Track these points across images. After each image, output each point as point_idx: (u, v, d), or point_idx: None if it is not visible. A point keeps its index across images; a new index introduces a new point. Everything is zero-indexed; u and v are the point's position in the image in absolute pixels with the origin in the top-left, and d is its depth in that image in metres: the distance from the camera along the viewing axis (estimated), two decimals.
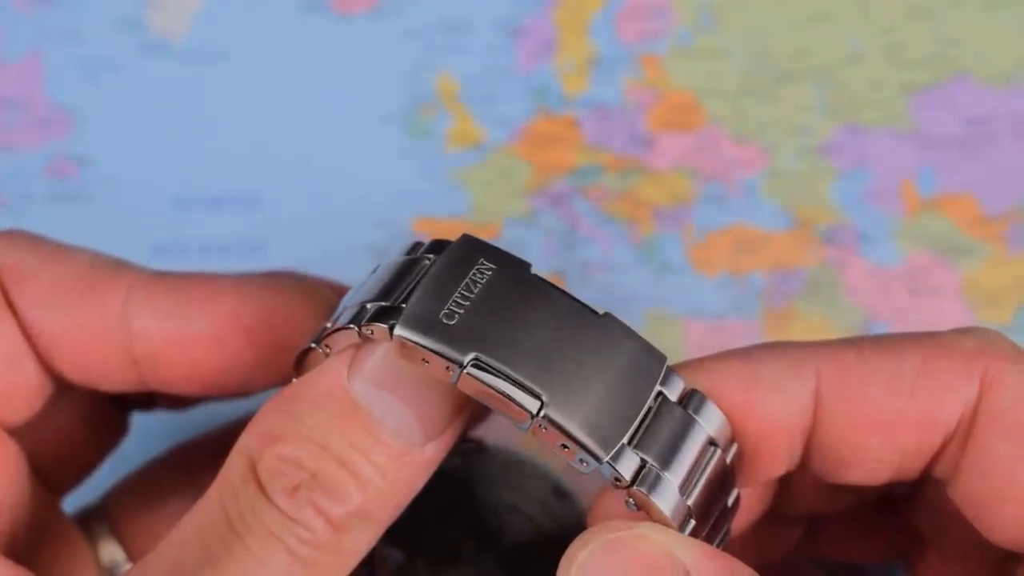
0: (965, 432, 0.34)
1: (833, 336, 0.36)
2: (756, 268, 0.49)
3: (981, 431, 0.34)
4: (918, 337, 0.35)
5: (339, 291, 0.37)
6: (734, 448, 0.34)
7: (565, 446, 0.32)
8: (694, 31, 0.51)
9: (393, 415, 0.33)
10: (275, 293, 0.37)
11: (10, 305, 0.37)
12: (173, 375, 0.37)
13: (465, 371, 0.31)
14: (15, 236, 0.38)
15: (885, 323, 0.48)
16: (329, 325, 0.34)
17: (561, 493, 0.40)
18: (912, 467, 0.35)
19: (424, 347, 0.32)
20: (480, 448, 0.40)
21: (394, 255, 0.35)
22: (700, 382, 0.34)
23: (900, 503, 0.40)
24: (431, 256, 0.34)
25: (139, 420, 0.43)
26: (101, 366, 0.37)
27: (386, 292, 0.33)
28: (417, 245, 0.35)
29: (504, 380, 0.31)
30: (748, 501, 0.37)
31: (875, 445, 0.34)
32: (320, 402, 0.33)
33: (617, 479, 0.32)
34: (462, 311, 0.32)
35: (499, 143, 0.50)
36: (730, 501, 0.34)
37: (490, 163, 0.50)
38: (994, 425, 0.34)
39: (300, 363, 0.35)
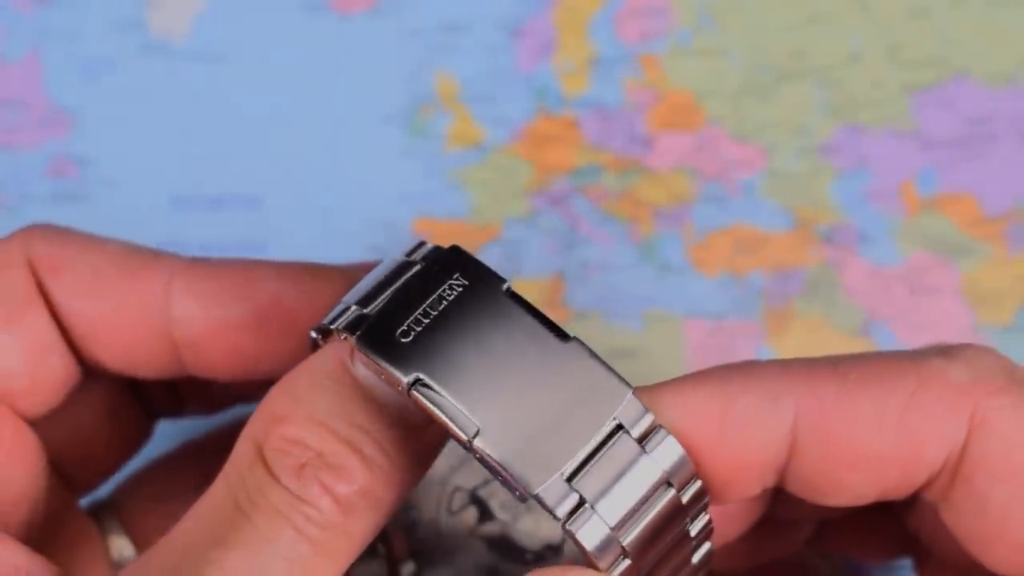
0: (952, 471, 0.33)
1: (832, 337, 0.36)
2: (756, 268, 0.49)
3: (971, 473, 0.33)
4: (904, 365, 0.34)
5: None
6: (696, 485, 0.33)
7: (499, 474, 0.32)
8: (694, 31, 0.51)
9: (395, 396, 0.33)
10: (316, 278, 0.37)
11: (45, 295, 0.37)
12: (215, 359, 0.38)
13: (410, 390, 0.32)
14: (46, 228, 0.38)
15: (885, 323, 0.48)
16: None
17: None
18: (897, 495, 0.34)
19: (376, 363, 0.32)
20: None
21: (398, 254, 0.35)
22: (668, 415, 0.33)
23: (899, 509, 0.39)
24: (421, 263, 0.34)
25: None
26: (142, 352, 0.38)
27: (368, 298, 0.33)
28: (420, 245, 0.35)
29: (446, 402, 0.32)
30: (738, 510, 0.37)
31: (855, 481, 0.34)
32: (324, 383, 0.33)
33: (552, 512, 0.32)
34: (420, 328, 0.32)
35: (499, 143, 0.50)
36: (694, 531, 0.34)
37: (490, 163, 0.50)
38: (984, 468, 0.33)
39: (315, 347, 0.35)
